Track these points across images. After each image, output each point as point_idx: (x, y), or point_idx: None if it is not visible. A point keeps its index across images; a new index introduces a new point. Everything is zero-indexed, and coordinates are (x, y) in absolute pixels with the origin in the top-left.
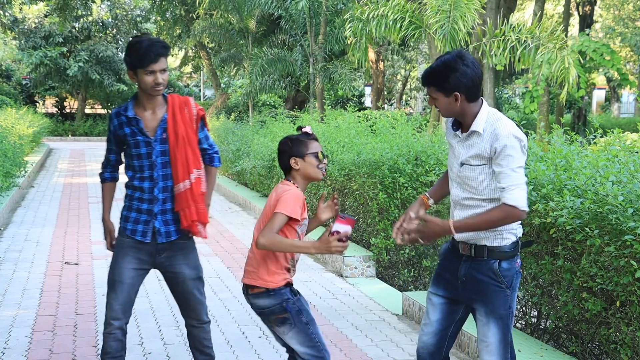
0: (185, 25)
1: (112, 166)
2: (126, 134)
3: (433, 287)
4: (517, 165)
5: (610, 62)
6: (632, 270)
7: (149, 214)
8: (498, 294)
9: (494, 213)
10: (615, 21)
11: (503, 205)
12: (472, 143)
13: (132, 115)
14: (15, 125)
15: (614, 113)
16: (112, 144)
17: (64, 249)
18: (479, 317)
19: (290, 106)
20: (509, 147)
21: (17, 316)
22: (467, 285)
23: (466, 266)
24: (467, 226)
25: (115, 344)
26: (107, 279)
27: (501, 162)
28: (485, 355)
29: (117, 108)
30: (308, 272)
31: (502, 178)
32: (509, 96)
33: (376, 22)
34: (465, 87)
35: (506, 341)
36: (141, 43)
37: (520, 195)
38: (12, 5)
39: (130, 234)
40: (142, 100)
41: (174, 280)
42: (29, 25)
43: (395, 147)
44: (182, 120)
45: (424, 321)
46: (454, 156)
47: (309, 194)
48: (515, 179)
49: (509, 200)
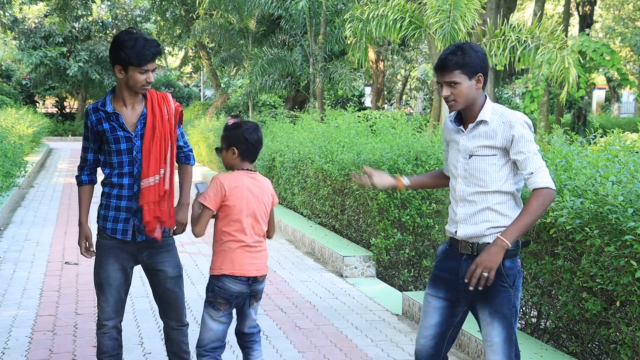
0: (185, 25)
1: (90, 167)
2: (105, 130)
3: (432, 289)
4: (536, 149)
5: (610, 62)
6: (632, 270)
7: (129, 211)
8: (502, 293)
9: (533, 203)
10: (615, 21)
11: (538, 190)
12: (480, 133)
13: (111, 110)
14: (15, 125)
15: (614, 113)
16: (89, 142)
17: (64, 249)
18: (483, 317)
19: (290, 106)
20: (526, 133)
21: (17, 316)
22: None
23: (467, 265)
24: (517, 230)
25: (111, 343)
26: (94, 281)
27: (522, 150)
28: (490, 355)
29: (94, 103)
30: (308, 272)
31: (527, 164)
32: (509, 96)
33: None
34: (484, 70)
35: (510, 340)
36: (137, 41)
37: (548, 176)
38: (12, 5)
39: (111, 233)
40: (124, 95)
41: (156, 278)
42: (29, 25)
43: (395, 147)
44: (160, 115)
45: (422, 324)
46: (458, 151)
47: (308, 193)
48: (539, 161)
49: (542, 182)
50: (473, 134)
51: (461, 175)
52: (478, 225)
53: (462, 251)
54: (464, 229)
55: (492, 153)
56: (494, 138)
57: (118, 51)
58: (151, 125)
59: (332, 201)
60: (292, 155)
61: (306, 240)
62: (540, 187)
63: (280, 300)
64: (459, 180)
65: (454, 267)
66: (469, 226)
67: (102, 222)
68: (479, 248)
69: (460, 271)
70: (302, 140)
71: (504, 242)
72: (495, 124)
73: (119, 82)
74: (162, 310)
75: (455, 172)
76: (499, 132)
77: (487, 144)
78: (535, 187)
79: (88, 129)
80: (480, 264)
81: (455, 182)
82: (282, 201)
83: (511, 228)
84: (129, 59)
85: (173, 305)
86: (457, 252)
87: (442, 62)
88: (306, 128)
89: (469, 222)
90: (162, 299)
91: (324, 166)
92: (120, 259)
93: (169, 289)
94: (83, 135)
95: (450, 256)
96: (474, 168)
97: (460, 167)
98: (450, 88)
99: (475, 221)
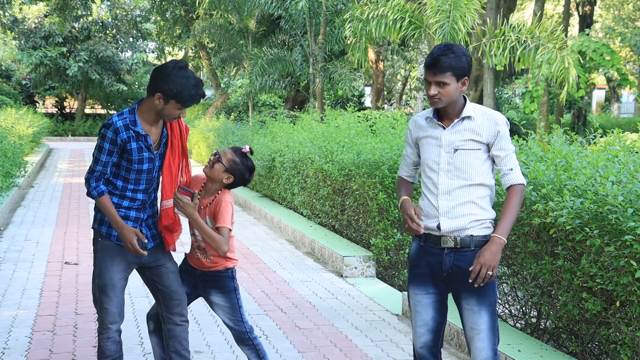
0: (185, 25)
1: (106, 179)
2: (133, 149)
3: (418, 288)
4: (514, 147)
5: (610, 62)
6: (632, 270)
7: (136, 221)
8: (487, 283)
9: (514, 199)
10: (615, 21)
11: (515, 186)
12: (465, 127)
13: (143, 132)
14: (15, 125)
15: (614, 113)
16: (112, 156)
17: (64, 249)
18: (469, 306)
19: (290, 106)
20: (507, 131)
21: (17, 316)
22: (454, 277)
23: (450, 258)
24: (509, 227)
25: (115, 346)
26: (97, 284)
27: (504, 146)
28: (478, 342)
29: (122, 119)
30: (308, 272)
31: (508, 160)
32: (509, 96)
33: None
34: (470, 73)
35: (495, 326)
36: (188, 80)
37: (521, 173)
38: (12, 5)
39: (117, 241)
40: (150, 118)
41: (159, 274)
42: (29, 25)
43: (395, 147)
44: (179, 135)
45: (417, 323)
46: (439, 147)
47: (308, 194)
48: (515, 159)
49: (520, 179)
50: (457, 129)
51: (444, 169)
52: (462, 218)
53: (444, 245)
54: (448, 222)
55: (477, 147)
56: (479, 133)
57: (167, 84)
58: (170, 143)
59: (332, 201)
60: (292, 155)
61: (306, 240)
62: (517, 183)
63: (280, 300)
64: (441, 174)
65: (435, 261)
66: (452, 219)
67: (106, 229)
68: (462, 241)
69: (444, 264)
70: (302, 140)
71: (502, 240)
72: (480, 120)
73: (151, 105)
74: (165, 306)
75: (437, 167)
76: (484, 127)
77: (472, 138)
78: (513, 183)
79: (116, 145)
80: (485, 263)
81: (437, 177)
82: (282, 201)
83: (503, 226)
84: (175, 96)
85: (176, 298)
86: (436, 247)
87: (435, 62)
88: (306, 128)
89: (452, 215)
90: (165, 293)
91: (324, 166)
92: (125, 261)
93: (172, 282)
94: (103, 148)
95: (427, 252)
96: (459, 161)
97: (444, 162)
98: (438, 87)
99: (459, 214)
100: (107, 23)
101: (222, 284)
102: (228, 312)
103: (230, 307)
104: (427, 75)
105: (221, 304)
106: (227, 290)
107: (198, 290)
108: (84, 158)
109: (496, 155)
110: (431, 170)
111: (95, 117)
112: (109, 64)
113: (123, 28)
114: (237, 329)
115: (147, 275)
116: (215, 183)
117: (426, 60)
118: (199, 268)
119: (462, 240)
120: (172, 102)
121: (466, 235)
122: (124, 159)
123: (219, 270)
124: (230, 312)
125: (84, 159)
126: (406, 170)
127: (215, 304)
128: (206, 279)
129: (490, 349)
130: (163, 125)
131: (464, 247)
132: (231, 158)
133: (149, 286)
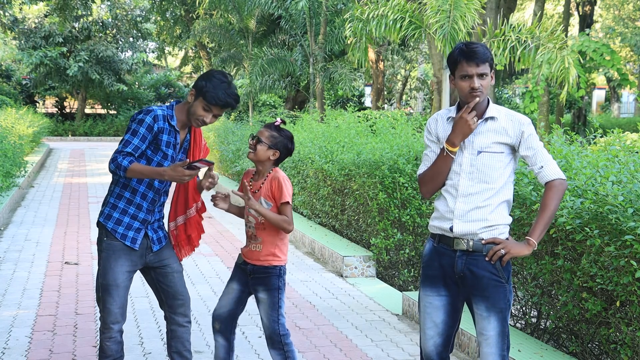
0: (185, 25)
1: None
2: (162, 141)
3: (430, 289)
4: (542, 144)
5: (610, 62)
6: (632, 270)
7: (144, 223)
8: (498, 289)
9: (547, 195)
10: (615, 21)
11: (550, 182)
12: (489, 129)
13: (177, 127)
14: (15, 125)
15: (614, 113)
16: (144, 143)
17: (64, 249)
18: (479, 311)
19: (290, 106)
20: (533, 130)
21: (17, 316)
22: (465, 281)
23: (462, 261)
24: (543, 229)
25: (116, 346)
26: (101, 283)
27: (532, 144)
28: (485, 348)
29: (163, 110)
30: (308, 272)
31: (537, 158)
32: (509, 96)
33: (376, 22)
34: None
35: (504, 333)
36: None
37: (557, 167)
38: (12, 5)
39: (120, 239)
40: (182, 119)
41: (163, 274)
42: (29, 25)
43: (395, 147)
44: (199, 144)
45: (426, 325)
46: (462, 148)
47: (308, 193)
48: (547, 155)
49: (553, 174)
50: (481, 130)
51: (466, 172)
52: (475, 222)
53: (456, 247)
54: (461, 225)
55: (501, 150)
56: (504, 134)
57: (202, 79)
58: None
59: (332, 201)
60: (292, 155)
61: (306, 240)
62: (552, 179)
63: None
64: (462, 176)
65: (448, 263)
66: (466, 223)
67: (112, 225)
68: (474, 245)
69: (455, 267)
70: (302, 140)
71: (534, 243)
72: (504, 121)
73: (186, 104)
74: (169, 306)
75: (459, 169)
76: (509, 128)
77: (498, 140)
78: (547, 179)
79: (151, 132)
80: (506, 246)
81: (459, 178)
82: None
83: (535, 228)
84: (204, 91)
85: (180, 299)
86: (449, 249)
87: (474, 54)
88: (306, 128)
89: (466, 219)
90: (169, 293)
91: (324, 166)
92: (130, 261)
93: (176, 282)
94: (138, 132)
95: (440, 253)
96: (482, 164)
97: (466, 164)
98: (480, 80)
99: (473, 218)
100: (107, 23)
101: (268, 281)
102: (267, 310)
103: (270, 304)
104: (469, 67)
105: (263, 301)
106: (272, 288)
107: (249, 287)
108: (84, 158)
109: (525, 155)
110: (452, 172)
111: (95, 117)
112: (109, 63)
113: (123, 28)
114: (270, 328)
115: (152, 275)
116: (264, 164)
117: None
118: (250, 262)
119: (475, 244)
120: (199, 99)
121: (479, 239)
122: (150, 149)
123: (268, 266)
124: (269, 310)
125: (84, 159)
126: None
127: (259, 301)
128: (256, 276)
129: (498, 354)
130: (188, 132)
131: (476, 251)
132: (269, 134)
133: (152, 287)
